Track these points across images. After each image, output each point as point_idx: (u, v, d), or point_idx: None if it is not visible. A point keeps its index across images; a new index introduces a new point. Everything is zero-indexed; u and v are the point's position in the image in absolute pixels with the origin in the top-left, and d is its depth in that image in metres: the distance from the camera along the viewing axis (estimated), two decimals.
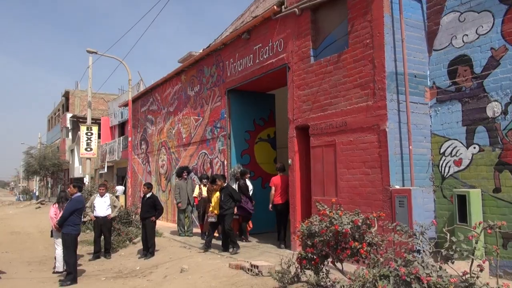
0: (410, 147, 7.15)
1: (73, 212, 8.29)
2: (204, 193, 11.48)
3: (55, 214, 9.12)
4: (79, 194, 8.64)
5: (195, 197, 11.80)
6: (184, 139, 15.19)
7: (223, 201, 9.45)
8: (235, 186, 11.21)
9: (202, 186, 11.78)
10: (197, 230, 12.75)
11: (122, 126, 27.13)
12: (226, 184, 9.75)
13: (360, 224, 5.33)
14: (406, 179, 7.12)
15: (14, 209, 35.16)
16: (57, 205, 9.21)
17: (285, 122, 10.09)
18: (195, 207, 12.03)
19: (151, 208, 10.29)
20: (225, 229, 9.32)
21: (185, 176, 12.22)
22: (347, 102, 7.87)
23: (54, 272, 9.24)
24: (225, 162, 12.25)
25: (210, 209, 9.84)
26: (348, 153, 7.81)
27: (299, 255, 5.88)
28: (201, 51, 15.55)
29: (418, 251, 4.74)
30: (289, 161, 9.35)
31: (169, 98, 16.78)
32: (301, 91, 9.07)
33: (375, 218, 5.44)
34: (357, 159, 7.63)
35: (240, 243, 10.10)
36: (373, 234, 5.34)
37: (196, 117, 14.29)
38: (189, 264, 8.57)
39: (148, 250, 10.18)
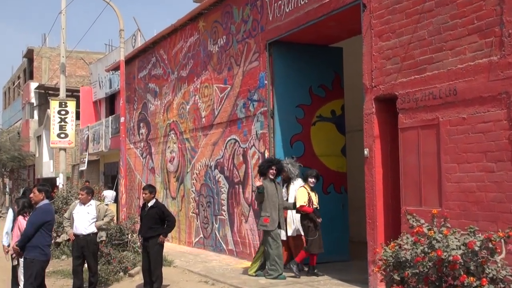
0: None
1: (39, 227, 8.54)
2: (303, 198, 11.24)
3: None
4: (46, 201, 8.90)
5: (302, 205, 10.64)
6: (203, 119, 15.39)
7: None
8: (283, 191, 11.27)
9: (308, 188, 10.82)
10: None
11: (111, 101, 27.81)
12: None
13: (477, 248, 5.27)
14: None
15: None
16: (27, 217, 9.51)
17: (359, 91, 9.98)
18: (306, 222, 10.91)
19: (156, 223, 10.49)
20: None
21: (272, 175, 10.89)
22: (457, 57, 7.70)
23: None
24: (266, 154, 12.31)
25: None
26: (460, 139, 7.67)
27: None
28: None
29: None
30: (365, 152, 9.29)
31: (180, 57, 16.99)
32: (383, 41, 8.95)
33: (503, 240, 5.35)
34: (473, 148, 7.48)
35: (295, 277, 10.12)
36: (499, 265, 5.26)
37: (222, 85, 14.41)
38: None
39: (152, 286, 10.40)
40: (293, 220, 11.20)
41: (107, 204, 16.80)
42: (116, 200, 21.75)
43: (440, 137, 7.95)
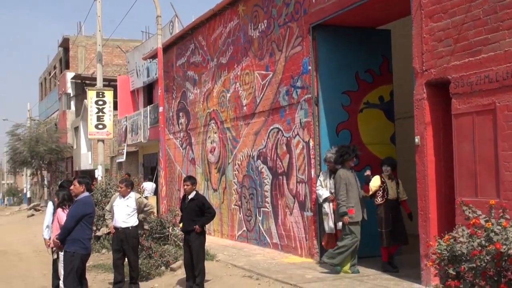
0: None
1: (79, 220, 8.73)
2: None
3: None
4: (86, 194, 9.08)
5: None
6: (245, 108, 15.44)
7: None
8: (331, 182, 11.25)
9: (385, 177, 10.81)
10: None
11: (149, 90, 28.09)
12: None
13: None
14: None
15: None
16: (66, 209, 9.73)
17: (408, 76, 9.88)
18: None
19: (197, 216, 10.59)
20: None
21: (353, 163, 10.90)
22: None
23: None
24: (311, 143, 12.29)
25: None
26: None
27: None
28: None
29: None
30: (416, 140, 9.20)
31: (219, 43, 17.05)
32: (435, 22, 8.82)
33: None
34: None
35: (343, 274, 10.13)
36: None
37: (263, 72, 14.42)
38: None
39: (195, 280, 10.52)
40: None
41: (146, 197, 17.09)
42: (156, 192, 22.03)
43: (497, 123, 7.82)
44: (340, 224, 10.86)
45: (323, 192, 11.45)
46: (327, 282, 9.79)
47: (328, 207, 11.35)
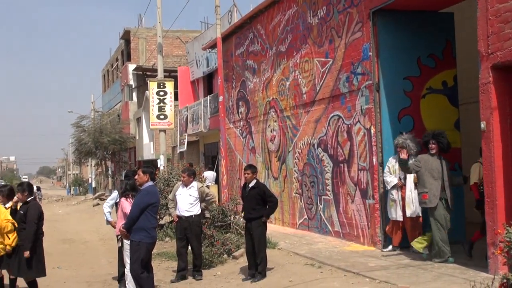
0: None
1: (144, 209, 8.89)
2: None
3: None
4: (151, 183, 9.23)
5: (472, 185, 10.46)
6: (304, 96, 15.38)
7: None
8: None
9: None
10: None
11: (209, 79, 28.33)
12: None
13: None
14: None
15: (65, 207, 39.20)
16: (131, 199, 9.95)
17: (473, 60, 9.63)
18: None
19: (258, 204, 10.64)
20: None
21: (432, 149, 10.60)
22: None
23: None
24: (372, 130, 12.16)
25: None
26: None
27: (504, 280, 5.67)
28: None
29: None
30: (482, 125, 8.98)
31: (278, 32, 17.01)
32: (501, 3, 8.59)
33: None
34: None
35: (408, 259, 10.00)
36: None
37: (323, 59, 14.31)
38: None
39: (257, 268, 10.59)
40: (412, 201, 11.04)
41: (208, 186, 17.26)
42: (217, 181, 22.23)
43: None
44: (399, 212, 10.79)
45: (391, 178, 11.32)
46: (391, 270, 9.70)
47: (396, 194, 11.21)
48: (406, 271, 9.58)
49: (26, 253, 9.20)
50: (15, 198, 9.66)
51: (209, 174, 22.49)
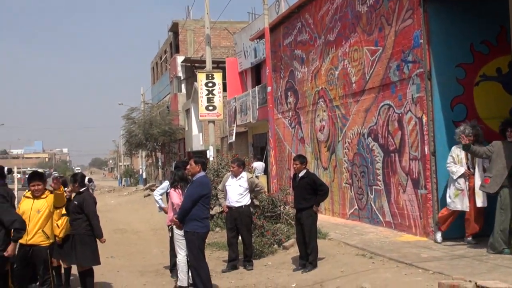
0: None
1: (196, 201, 8.95)
2: None
3: (180, 201, 9.96)
4: (203, 174, 9.27)
5: None
6: (354, 85, 15.23)
7: None
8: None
9: None
10: None
11: (257, 70, 28.29)
12: None
13: None
14: None
15: (117, 198, 39.86)
16: (179, 189, 10.06)
17: None
18: None
19: (309, 194, 10.61)
20: None
21: (509, 137, 10.40)
22: None
23: (176, 287, 10.22)
24: (424, 119, 11.97)
25: None
26: None
27: None
28: None
29: None
30: None
31: (326, 20, 16.88)
32: None
33: None
34: None
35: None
36: None
37: (372, 48, 14.15)
38: (372, 281, 8.68)
39: (307, 258, 10.58)
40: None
41: (257, 176, 17.29)
42: (266, 171, 22.24)
43: None
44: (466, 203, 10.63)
45: (457, 168, 11.04)
46: (444, 261, 9.54)
47: (464, 184, 10.94)
48: (460, 262, 9.42)
49: (103, 239, 9.54)
50: (68, 189, 9.87)
51: (258, 165, 22.49)
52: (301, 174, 10.78)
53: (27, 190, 9.00)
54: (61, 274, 10.26)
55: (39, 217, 8.56)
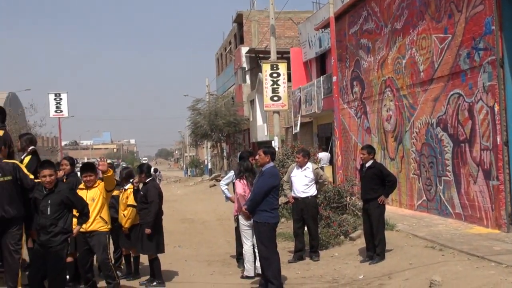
0: None
1: (269, 191, 8.92)
2: None
3: (244, 192, 10.02)
4: (272, 164, 9.23)
5: None
6: (422, 74, 14.95)
7: None
8: None
9: None
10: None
11: (321, 60, 28.10)
12: None
13: None
14: None
15: (183, 188, 40.50)
16: (245, 180, 10.11)
17: None
18: None
19: (376, 184, 10.49)
20: None
21: None
22: None
23: (242, 277, 10.29)
24: (496, 108, 11.64)
25: None
26: None
27: None
28: None
29: None
30: None
31: (393, 9, 16.61)
32: None
33: None
34: None
35: None
36: None
37: (441, 35, 13.85)
38: (442, 274, 8.51)
39: (375, 250, 10.48)
40: None
41: (322, 167, 17.22)
42: (331, 162, 22.11)
43: None
44: None
45: None
46: (505, 256, 9.26)
47: None
48: None
49: (148, 230, 9.62)
50: (136, 179, 10.08)
51: (323, 155, 22.38)
52: (368, 164, 10.69)
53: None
54: (131, 262, 10.50)
55: (95, 205, 8.84)
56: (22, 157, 9.26)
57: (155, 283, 9.78)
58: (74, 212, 8.16)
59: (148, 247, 9.74)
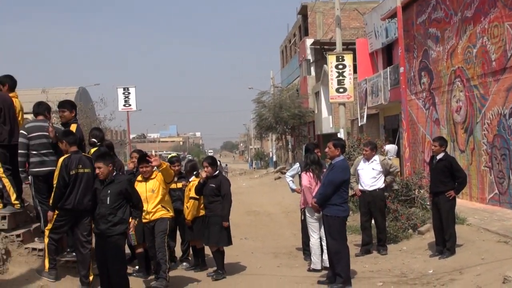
0: None
1: (338, 186, 8.84)
2: None
3: (310, 185, 9.98)
4: (342, 158, 9.13)
5: None
6: (493, 63, 14.53)
7: None
8: None
9: None
10: None
11: (388, 51, 27.65)
12: None
13: None
14: None
15: (248, 181, 40.73)
16: (311, 173, 10.07)
17: None
18: None
19: (446, 177, 10.27)
20: None
21: None
22: None
23: (309, 270, 10.27)
24: None
25: None
26: None
27: None
28: None
29: None
30: None
31: None
32: None
33: None
34: None
35: None
36: None
37: None
38: None
39: (445, 244, 10.27)
40: None
41: (389, 159, 16.95)
42: (399, 154, 21.78)
43: None
44: None
45: None
46: None
47: None
48: None
49: (226, 223, 9.79)
50: (207, 170, 10.12)
51: (391, 148, 22.01)
52: (439, 157, 10.48)
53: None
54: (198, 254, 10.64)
55: (155, 196, 9.05)
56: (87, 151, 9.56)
57: (214, 273, 9.90)
58: None
59: (221, 239, 9.87)
